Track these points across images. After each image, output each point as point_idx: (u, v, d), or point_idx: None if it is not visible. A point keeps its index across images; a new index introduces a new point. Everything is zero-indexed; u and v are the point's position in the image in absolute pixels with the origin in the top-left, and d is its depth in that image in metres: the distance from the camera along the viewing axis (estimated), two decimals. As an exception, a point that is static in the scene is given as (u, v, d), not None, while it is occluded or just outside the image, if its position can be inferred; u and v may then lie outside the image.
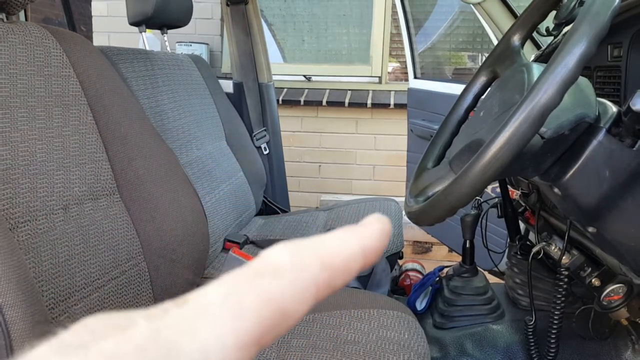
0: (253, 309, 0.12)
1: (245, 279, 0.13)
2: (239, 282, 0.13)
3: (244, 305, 0.12)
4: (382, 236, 0.16)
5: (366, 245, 0.15)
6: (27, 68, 0.73)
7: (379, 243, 0.16)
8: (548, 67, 0.46)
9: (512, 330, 0.99)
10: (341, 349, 0.73)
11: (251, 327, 0.12)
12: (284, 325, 0.13)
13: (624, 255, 0.60)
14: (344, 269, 0.14)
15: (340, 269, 0.14)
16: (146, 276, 0.83)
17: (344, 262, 0.15)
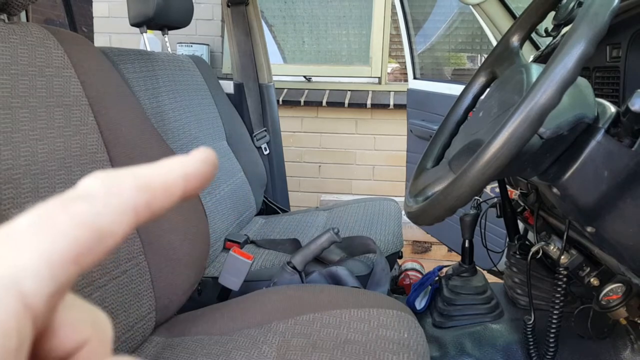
0: (64, 230, 0.12)
1: (57, 205, 0.13)
2: (49, 209, 0.13)
3: (54, 228, 0.12)
4: (204, 162, 0.16)
5: (188, 170, 0.15)
6: (29, 69, 0.73)
7: (201, 168, 0.16)
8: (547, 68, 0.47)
9: (511, 330, 0.99)
10: (341, 348, 0.73)
11: (63, 247, 0.12)
12: (103, 244, 0.13)
13: (622, 254, 0.60)
14: (164, 191, 0.15)
15: (160, 190, 0.15)
16: (147, 275, 0.83)
17: (163, 185, 0.15)
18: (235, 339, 0.80)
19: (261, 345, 0.77)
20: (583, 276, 0.78)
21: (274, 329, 0.81)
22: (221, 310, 0.90)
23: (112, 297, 0.76)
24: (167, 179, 0.15)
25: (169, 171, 0.15)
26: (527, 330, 0.90)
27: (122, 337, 0.77)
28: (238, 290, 1.07)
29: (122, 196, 0.14)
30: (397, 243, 1.36)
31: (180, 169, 0.15)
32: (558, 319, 0.83)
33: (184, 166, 0.16)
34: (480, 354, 0.95)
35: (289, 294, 0.91)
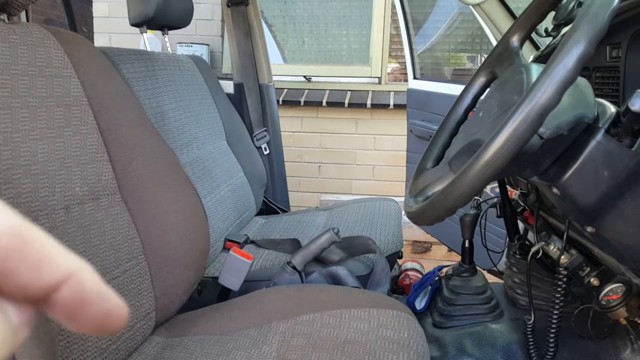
0: None
1: None
2: None
3: None
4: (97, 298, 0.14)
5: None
6: (29, 69, 0.73)
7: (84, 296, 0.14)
8: (547, 68, 0.47)
9: (511, 330, 0.99)
10: (341, 348, 0.73)
11: None
12: None
13: (622, 254, 0.60)
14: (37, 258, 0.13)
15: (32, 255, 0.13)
16: (147, 275, 0.83)
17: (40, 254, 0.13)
18: (235, 339, 0.80)
19: (261, 345, 0.77)
20: (583, 276, 0.78)
21: (274, 329, 0.81)
22: (221, 310, 0.90)
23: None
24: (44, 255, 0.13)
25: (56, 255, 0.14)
26: (527, 330, 0.90)
27: (122, 337, 0.77)
28: (238, 290, 1.07)
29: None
30: (397, 243, 1.36)
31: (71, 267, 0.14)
32: (558, 319, 0.83)
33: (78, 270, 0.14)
34: (480, 354, 0.95)
35: (289, 294, 0.91)
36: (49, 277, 0.13)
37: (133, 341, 0.79)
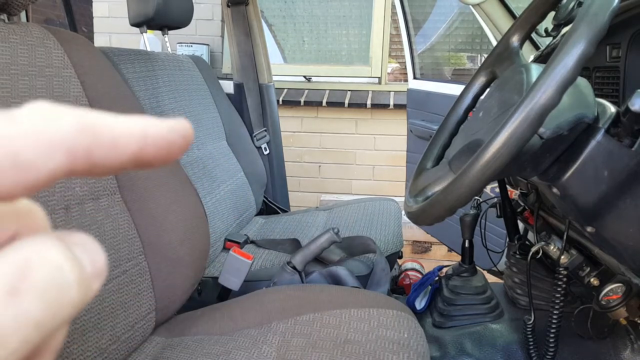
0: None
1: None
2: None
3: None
4: (172, 130, 0.14)
5: (149, 131, 0.14)
6: (29, 69, 0.73)
7: (166, 135, 0.14)
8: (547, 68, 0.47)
9: (511, 330, 0.99)
10: (341, 348, 0.73)
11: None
12: (20, 173, 0.12)
13: (622, 254, 0.60)
14: (110, 142, 0.13)
15: (106, 140, 0.13)
16: (147, 275, 0.83)
17: (111, 135, 0.13)
18: (235, 339, 0.80)
19: (261, 345, 0.77)
20: (583, 276, 0.78)
21: (274, 329, 0.81)
22: (221, 310, 0.90)
23: (112, 297, 0.76)
24: (119, 131, 0.13)
25: (125, 124, 0.13)
26: (527, 330, 0.90)
27: (122, 337, 0.77)
28: (238, 290, 1.07)
29: (57, 130, 0.12)
30: (397, 243, 1.36)
31: (140, 127, 0.14)
32: (558, 319, 0.83)
33: (145, 125, 0.14)
34: (480, 354, 0.95)
35: (289, 294, 0.91)
36: (130, 148, 0.13)
37: (133, 341, 0.80)
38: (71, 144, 0.12)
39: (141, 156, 0.14)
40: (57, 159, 0.12)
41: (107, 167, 0.13)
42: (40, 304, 0.11)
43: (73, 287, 0.12)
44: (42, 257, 0.12)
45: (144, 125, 0.14)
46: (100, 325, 0.73)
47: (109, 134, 0.13)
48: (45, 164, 0.12)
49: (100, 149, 0.13)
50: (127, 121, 0.14)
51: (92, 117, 0.13)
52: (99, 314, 0.73)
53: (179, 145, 0.14)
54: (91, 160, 0.13)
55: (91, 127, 0.13)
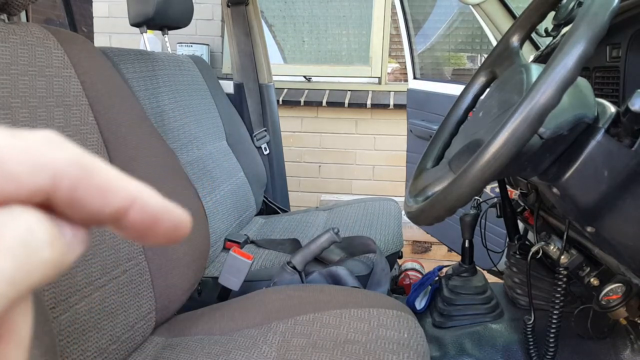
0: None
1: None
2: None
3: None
4: (167, 212, 0.15)
5: (142, 198, 0.14)
6: (29, 69, 0.73)
7: (159, 211, 0.14)
8: (547, 68, 0.47)
9: (511, 330, 0.99)
10: (341, 348, 0.73)
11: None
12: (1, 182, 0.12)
13: (622, 254, 0.60)
14: (99, 187, 0.13)
15: (95, 183, 0.13)
16: (147, 275, 0.83)
17: (103, 183, 0.14)
18: (235, 339, 0.80)
19: (261, 345, 0.77)
20: (583, 276, 0.78)
21: (274, 329, 0.81)
22: (221, 310, 0.90)
23: (112, 297, 0.76)
24: (111, 182, 0.14)
25: (121, 180, 0.14)
26: (527, 330, 0.90)
27: (122, 337, 0.77)
28: (238, 290, 1.07)
29: (51, 155, 0.13)
30: (397, 243, 1.36)
31: (135, 189, 0.14)
32: (558, 319, 0.83)
33: (141, 191, 0.14)
34: (480, 354, 0.95)
35: (289, 294, 0.91)
36: (115, 202, 0.14)
37: (133, 341, 0.80)
38: (59, 171, 0.13)
39: (122, 217, 0.14)
40: (40, 179, 0.13)
41: (87, 210, 0.14)
42: (12, 261, 0.12)
43: (45, 247, 0.13)
44: (14, 219, 0.12)
45: (139, 189, 0.14)
46: (100, 325, 0.73)
47: (100, 180, 0.14)
48: (28, 178, 0.13)
49: (86, 188, 0.13)
50: (125, 178, 0.14)
51: (90, 159, 0.14)
52: (99, 314, 0.73)
53: (166, 228, 0.15)
54: (73, 195, 0.13)
55: (85, 165, 0.13)
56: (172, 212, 0.15)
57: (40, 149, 0.13)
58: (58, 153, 0.13)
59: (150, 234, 0.14)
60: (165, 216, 0.15)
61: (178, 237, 0.15)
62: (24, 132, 0.13)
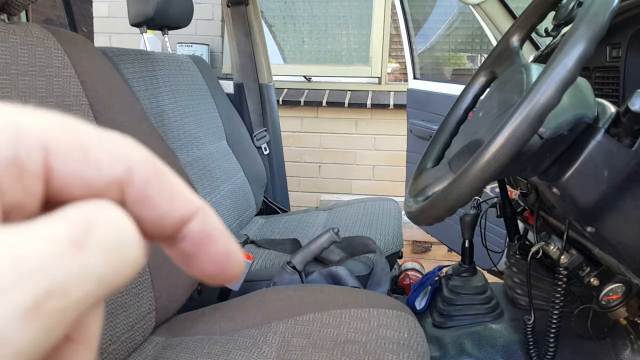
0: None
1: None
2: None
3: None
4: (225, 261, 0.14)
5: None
6: (29, 69, 0.73)
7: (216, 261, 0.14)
8: (547, 68, 0.47)
9: (511, 330, 0.99)
10: (341, 348, 0.73)
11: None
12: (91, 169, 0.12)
13: (622, 254, 0.60)
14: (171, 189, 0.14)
15: (167, 186, 0.14)
16: (147, 276, 0.83)
17: (174, 186, 0.14)
18: (235, 339, 0.80)
19: (261, 345, 0.77)
20: (583, 276, 0.78)
21: (274, 329, 0.81)
22: (221, 310, 0.90)
23: (112, 297, 0.76)
24: (177, 187, 0.14)
25: (186, 189, 0.14)
26: (527, 330, 0.90)
27: (122, 337, 0.77)
28: (238, 290, 1.07)
29: (125, 148, 0.13)
30: (397, 243, 1.36)
31: (199, 202, 0.14)
32: (558, 319, 0.83)
33: (204, 205, 0.14)
34: (480, 354, 0.95)
35: (289, 294, 0.91)
36: (182, 209, 0.14)
37: (133, 341, 0.79)
38: (135, 164, 0.13)
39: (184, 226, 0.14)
40: (118, 168, 0.13)
41: (155, 211, 0.14)
42: (103, 259, 0.11)
43: (134, 246, 0.12)
44: (105, 214, 0.12)
45: (204, 203, 0.14)
46: (100, 325, 0.73)
47: (170, 183, 0.14)
48: (108, 166, 0.13)
49: (157, 188, 0.13)
50: (191, 190, 0.14)
51: (162, 164, 0.14)
52: (99, 314, 0.73)
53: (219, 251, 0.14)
54: (144, 192, 0.13)
55: (157, 166, 0.14)
56: (228, 238, 0.15)
57: (118, 142, 0.13)
58: (134, 149, 0.13)
59: (202, 252, 0.14)
60: (221, 237, 0.14)
61: (229, 269, 0.14)
62: (104, 130, 0.13)
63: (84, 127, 0.13)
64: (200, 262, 0.14)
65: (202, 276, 0.14)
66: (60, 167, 0.12)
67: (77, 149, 0.12)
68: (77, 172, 0.12)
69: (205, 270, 0.14)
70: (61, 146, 0.12)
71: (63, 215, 0.12)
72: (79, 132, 0.12)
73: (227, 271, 0.14)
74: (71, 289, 0.11)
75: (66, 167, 0.12)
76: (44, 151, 0.12)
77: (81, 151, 0.12)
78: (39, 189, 0.12)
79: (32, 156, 0.12)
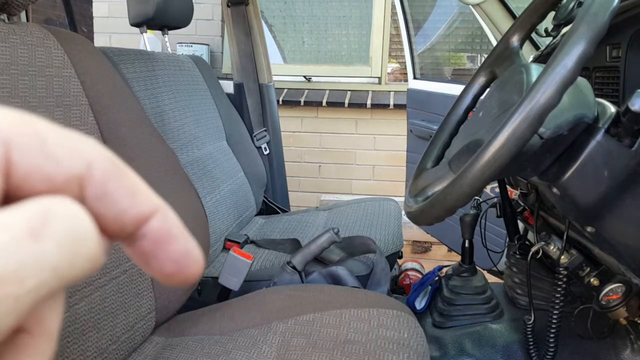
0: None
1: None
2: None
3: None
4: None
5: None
6: (28, 69, 0.73)
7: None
8: (547, 68, 0.47)
9: (511, 330, 0.99)
10: (341, 348, 0.73)
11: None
12: (49, 163, 0.13)
13: (622, 254, 0.60)
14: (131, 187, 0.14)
15: (127, 184, 0.14)
16: (147, 275, 0.83)
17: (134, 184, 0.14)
18: (235, 339, 0.80)
19: (261, 345, 0.77)
20: (583, 276, 0.78)
21: (274, 329, 0.81)
22: (221, 310, 0.90)
23: (112, 297, 0.76)
24: (137, 186, 0.14)
25: (145, 188, 0.14)
26: (527, 330, 0.90)
27: (122, 337, 0.77)
28: (238, 290, 1.07)
29: (85, 145, 0.13)
30: (397, 243, 1.36)
31: (158, 201, 0.15)
32: (558, 319, 0.83)
33: (163, 205, 0.14)
34: (480, 354, 0.95)
35: (289, 294, 0.91)
36: (142, 206, 0.14)
37: (133, 341, 0.79)
38: (94, 161, 0.13)
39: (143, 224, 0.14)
40: (77, 164, 0.13)
41: (115, 208, 0.14)
42: (58, 249, 0.12)
43: (91, 241, 0.13)
44: (63, 207, 0.12)
45: (163, 202, 0.14)
46: (99, 325, 0.73)
47: (130, 181, 0.14)
48: (66, 161, 0.13)
49: (116, 185, 0.14)
50: (151, 190, 0.14)
51: (122, 163, 0.14)
52: (98, 314, 0.73)
53: (178, 250, 0.14)
54: (104, 188, 0.13)
55: (117, 164, 0.14)
56: (187, 236, 0.15)
57: (78, 139, 0.13)
58: (95, 147, 0.14)
59: (161, 251, 0.14)
60: (181, 236, 0.15)
61: (188, 269, 0.15)
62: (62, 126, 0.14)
63: (44, 123, 0.13)
64: (159, 261, 0.14)
65: (161, 276, 0.14)
66: (20, 160, 0.12)
67: (37, 143, 0.13)
68: (37, 166, 0.12)
69: (164, 269, 0.14)
70: (21, 140, 0.12)
71: (21, 206, 0.12)
72: (39, 128, 0.13)
73: (186, 270, 0.15)
74: (25, 276, 0.11)
75: (26, 161, 0.12)
76: (3, 145, 0.12)
77: (41, 146, 0.13)
78: (0, 183, 0.12)
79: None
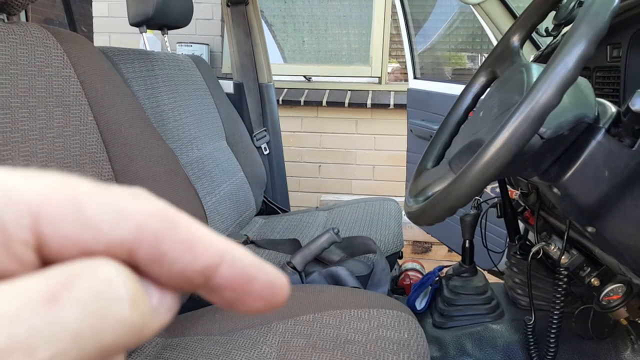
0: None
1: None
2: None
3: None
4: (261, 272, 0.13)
5: (231, 255, 0.13)
6: (28, 68, 0.73)
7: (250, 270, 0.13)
8: (547, 68, 0.47)
9: (511, 330, 0.99)
10: (341, 349, 0.73)
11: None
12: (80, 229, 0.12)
13: (623, 254, 0.60)
14: (185, 242, 0.13)
15: (180, 236, 0.13)
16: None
17: (189, 236, 0.13)
18: (235, 339, 0.80)
19: (261, 345, 0.77)
20: (583, 276, 0.78)
21: (274, 329, 0.81)
22: (221, 311, 0.90)
23: None
24: (194, 236, 0.13)
25: (207, 233, 0.13)
26: (527, 330, 0.90)
27: (121, 338, 0.77)
28: (238, 291, 1.07)
29: (134, 205, 0.12)
30: (397, 243, 1.36)
31: (223, 245, 0.13)
32: (558, 319, 0.83)
33: (229, 247, 0.13)
34: (480, 355, 0.95)
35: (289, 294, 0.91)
36: (204, 257, 0.13)
37: (133, 341, 0.79)
38: (142, 222, 0.12)
39: (212, 275, 0.13)
40: (122, 230, 0.12)
41: (174, 267, 0.13)
42: (80, 313, 0.10)
43: (124, 303, 0.11)
44: (92, 269, 0.11)
45: (228, 244, 0.13)
46: (99, 325, 0.73)
47: (185, 233, 0.13)
48: (108, 228, 0.12)
49: (171, 242, 0.12)
50: (212, 234, 0.13)
51: (175, 212, 0.13)
52: (98, 314, 0.73)
53: (261, 287, 0.13)
54: (158, 249, 0.12)
55: (169, 217, 0.13)
56: (265, 269, 0.14)
57: (124, 198, 0.12)
58: (142, 205, 0.12)
59: (244, 294, 0.13)
60: (259, 273, 0.14)
61: (277, 298, 0.14)
62: (109, 185, 0.12)
63: (85, 186, 0.12)
64: (248, 304, 0.14)
65: (253, 312, 0.14)
66: (52, 232, 0.11)
67: (72, 211, 0.11)
68: (72, 237, 0.11)
69: (254, 308, 0.14)
70: (53, 211, 0.11)
71: (45, 271, 0.11)
72: (77, 193, 0.12)
73: (276, 300, 0.14)
74: (37, 346, 0.10)
75: (59, 232, 0.11)
76: (31, 217, 0.11)
77: (77, 214, 0.12)
78: (31, 257, 0.11)
79: (19, 224, 0.11)
